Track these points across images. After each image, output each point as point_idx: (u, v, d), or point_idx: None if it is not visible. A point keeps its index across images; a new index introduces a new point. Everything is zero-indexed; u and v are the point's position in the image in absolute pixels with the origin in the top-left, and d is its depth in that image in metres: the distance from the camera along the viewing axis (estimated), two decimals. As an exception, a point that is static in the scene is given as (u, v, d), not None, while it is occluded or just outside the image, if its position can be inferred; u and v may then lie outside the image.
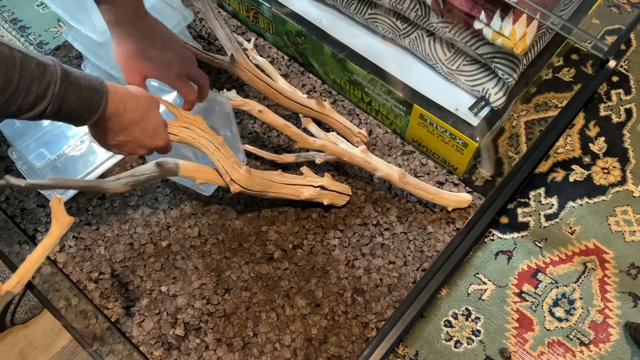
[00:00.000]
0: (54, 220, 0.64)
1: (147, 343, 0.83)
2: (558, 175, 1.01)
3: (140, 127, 0.67)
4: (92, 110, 0.59)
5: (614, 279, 0.89)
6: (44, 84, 0.54)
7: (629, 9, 1.20)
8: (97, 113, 0.60)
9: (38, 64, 0.54)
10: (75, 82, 0.57)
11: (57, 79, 0.55)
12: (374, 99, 1.01)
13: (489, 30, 0.83)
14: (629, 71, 1.12)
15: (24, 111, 0.54)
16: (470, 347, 0.85)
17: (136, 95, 0.66)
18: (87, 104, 0.59)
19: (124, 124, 0.65)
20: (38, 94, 0.54)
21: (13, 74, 0.52)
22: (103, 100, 0.60)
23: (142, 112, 0.66)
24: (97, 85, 0.60)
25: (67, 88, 0.56)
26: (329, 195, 0.90)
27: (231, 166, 0.78)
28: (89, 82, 0.59)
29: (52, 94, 0.55)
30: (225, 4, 1.19)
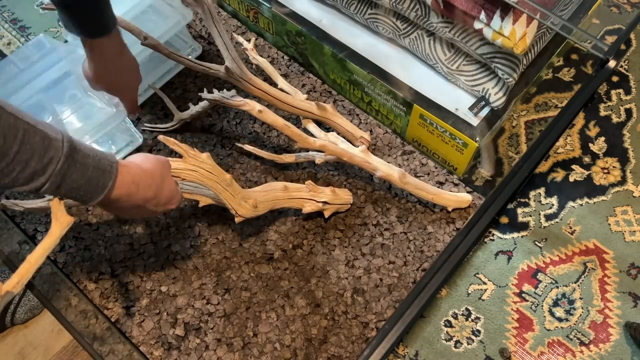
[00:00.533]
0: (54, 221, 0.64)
1: (147, 343, 0.83)
2: (558, 175, 1.01)
3: (153, 202, 0.65)
4: (95, 192, 0.56)
5: (614, 279, 0.89)
6: (45, 160, 0.51)
7: (629, 9, 1.20)
8: (102, 195, 0.57)
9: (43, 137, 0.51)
10: (81, 161, 0.54)
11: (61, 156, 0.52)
12: (374, 99, 1.01)
13: (489, 30, 0.83)
14: (629, 71, 1.12)
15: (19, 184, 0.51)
16: (470, 347, 0.85)
17: (151, 172, 0.64)
18: (91, 185, 0.56)
19: (136, 203, 0.62)
20: (36, 170, 0.51)
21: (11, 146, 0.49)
22: (110, 182, 0.57)
23: (157, 188, 0.64)
24: (105, 166, 0.57)
25: (70, 166, 0.53)
26: (331, 208, 0.90)
27: (238, 204, 0.79)
28: (98, 162, 0.56)
29: (52, 171, 0.52)
30: (225, 4, 1.19)
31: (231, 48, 0.86)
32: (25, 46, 0.96)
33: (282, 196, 0.86)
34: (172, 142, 0.71)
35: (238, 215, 0.80)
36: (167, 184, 0.66)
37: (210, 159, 0.75)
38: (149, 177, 0.63)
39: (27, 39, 1.16)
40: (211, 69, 0.87)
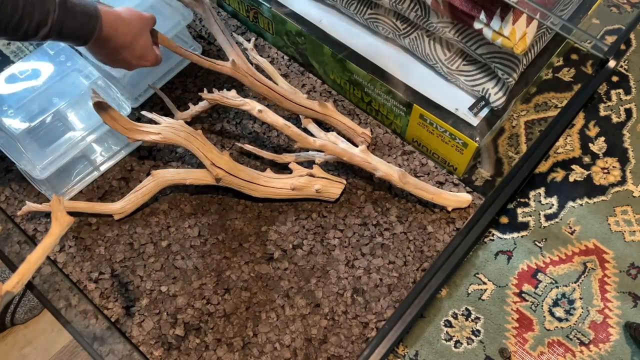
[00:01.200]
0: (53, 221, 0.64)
1: (147, 343, 0.83)
2: (558, 175, 1.01)
3: (129, 51, 0.75)
4: (88, 33, 0.68)
5: (614, 279, 0.89)
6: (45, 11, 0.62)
7: (629, 9, 1.20)
8: (93, 36, 0.68)
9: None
10: (71, 9, 0.65)
11: (56, 7, 0.63)
12: (373, 99, 1.01)
13: (489, 30, 0.83)
14: (629, 71, 1.12)
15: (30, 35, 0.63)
16: (470, 347, 0.85)
17: (128, 20, 0.73)
18: (84, 28, 0.67)
19: (114, 46, 0.73)
20: (40, 20, 0.62)
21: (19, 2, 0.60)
22: (97, 24, 0.68)
23: (132, 37, 0.74)
24: (91, 11, 0.67)
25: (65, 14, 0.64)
26: (320, 181, 0.90)
27: (210, 151, 0.84)
28: (84, 8, 0.67)
29: (52, 20, 0.63)
30: (225, 4, 1.19)
31: (234, 44, 0.86)
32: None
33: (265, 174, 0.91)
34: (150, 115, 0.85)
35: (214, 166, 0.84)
36: (143, 38, 0.76)
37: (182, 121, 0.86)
38: (126, 26, 0.73)
39: (27, 39, 1.16)
40: (217, 64, 0.87)
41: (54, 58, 0.96)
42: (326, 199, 0.93)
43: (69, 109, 0.93)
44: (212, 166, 0.84)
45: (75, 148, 0.90)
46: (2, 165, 0.99)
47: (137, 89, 1.04)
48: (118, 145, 0.99)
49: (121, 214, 0.91)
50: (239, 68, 0.86)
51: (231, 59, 0.86)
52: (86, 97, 0.94)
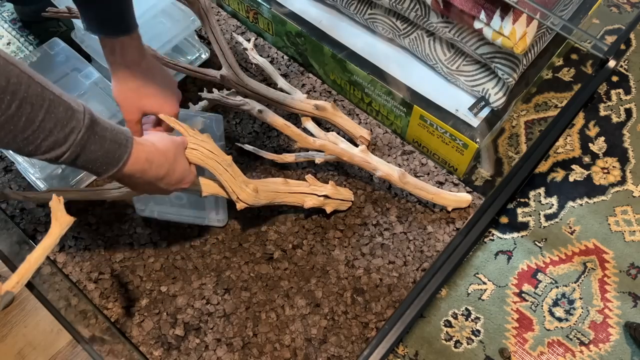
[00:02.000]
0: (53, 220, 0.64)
1: (147, 343, 0.83)
2: (558, 175, 1.01)
3: (165, 181, 0.67)
4: (111, 164, 0.58)
5: (613, 279, 0.89)
6: (67, 130, 0.53)
7: (629, 9, 1.20)
8: (116, 167, 0.59)
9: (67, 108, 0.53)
10: (100, 134, 0.56)
11: (82, 127, 0.54)
12: (374, 100, 1.01)
13: (489, 30, 0.83)
14: (629, 71, 1.12)
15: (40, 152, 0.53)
16: (470, 347, 0.85)
17: (164, 151, 0.65)
18: (108, 157, 0.58)
19: (148, 180, 0.64)
20: (58, 139, 0.53)
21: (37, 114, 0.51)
22: (125, 156, 0.59)
23: (169, 167, 0.66)
24: (122, 140, 0.59)
25: (89, 138, 0.55)
26: (332, 203, 0.90)
27: (239, 186, 0.78)
28: (115, 135, 0.58)
29: (72, 140, 0.54)
30: (225, 4, 1.19)
31: (228, 54, 0.86)
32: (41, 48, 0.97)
33: (282, 189, 0.85)
34: (173, 121, 0.72)
35: (239, 200, 0.79)
36: (179, 163, 0.68)
37: (210, 138, 0.74)
38: (162, 156, 0.65)
39: (26, 39, 1.16)
40: (207, 75, 0.88)
41: (54, 58, 0.96)
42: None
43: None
44: (237, 200, 0.79)
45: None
46: (1, 165, 0.99)
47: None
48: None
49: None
50: (229, 80, 0.87)
51: (219, 74, 0.87)
52: (87, 96, 0.94)
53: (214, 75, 0.88)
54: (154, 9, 0.98)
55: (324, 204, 0.89)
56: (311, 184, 0.88)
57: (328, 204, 0.90)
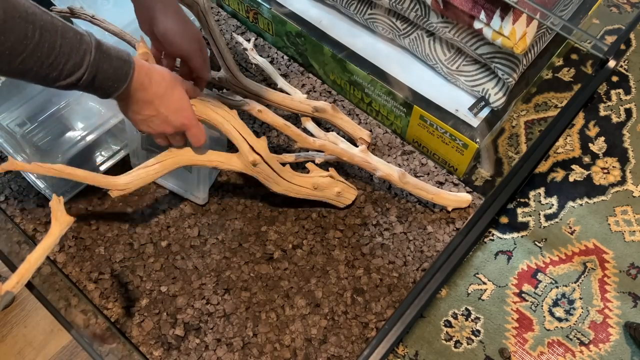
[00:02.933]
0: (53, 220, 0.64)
1: (147, 343, 0.83)
2: (558, 175, 1.01)
3: (164, 102, 0.68)
4: (121, 80, 0.62)
5: (613, 279, 0.89)
6: (81, 52, 0.57)
7: (629, 9, 1.20)
8: (126, 82, 0.62)
9: (75, 32, 0.56)
10: (106, 52, 0.59)
11: (92, 48, 0.58)
12: (374, 100, 1.01)
13: (489, 30, 0.83)
14: (629, 71, 1.12)
15: (63, 77, 0.57)
16: (470, 347, 0.85)
17: (160, 71, 0.68)
18: (118, 74, 0.61)
19: (149, 97, 0.66)
20: (76, 62, 0.56)
21: (56, 39, 0.54)
22: (131, 70, 0.62)
23: (167, 87, 0.68)
24: (125, 56, 0.62)
25: (100, 57, 0.59)
26: (340, 184, 0.90)
27: (250, 134, 0.78)
28: (118, 52, 0.61)
29: (88, 62, 0.57)
30: (225, 4, 1.19)
31: (226, 56, 0.86)
32: None
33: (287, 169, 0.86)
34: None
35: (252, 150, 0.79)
36: (177, 89, 0.70)
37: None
38: (159, 75, 0.67)
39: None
40: None
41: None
42: (339, 203, 0.93)
43: (69, 109, 0.93)
44: (250, 150, 0.79)
45: (74, 148, 0.90)
46: (2, 165, 0.99)
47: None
48: (118, 145, 0.99)
49: (123, 190, 0.78)
50: (226, 82, 0.88)
51: (217, 77, 0.88)
52: (86, 96, 0.94)
53: (212, 77, 0.88)
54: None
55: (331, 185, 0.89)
56: (313, 170, 0.89)
57: (336, 184, 0.90)
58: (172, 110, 0.70)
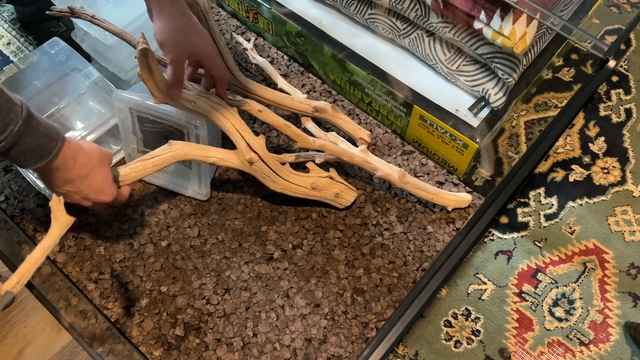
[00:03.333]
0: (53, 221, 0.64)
1: (147, 343, 0.83)
2: (558, 175, 1.01)
3: (86, 182, 0.70)
4: (41, 156, 0.63)
5: (613, 279, 0.89)
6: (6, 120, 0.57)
7: (629, 9, 1.20)
8: (45, 159, 0.63)
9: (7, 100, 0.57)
10: (35, 127, 0.60)
11: (20, 120, 0.58)
12: (374, 100, 1.01)
13: (489, 30, 0.83)
14: (629, 71, 1.12)
15: None
16: (470, 347, 0.85)
17: (89, 153, 0.70)
18: (39, 149, 0.62)
19: (71, 177, 0.68)
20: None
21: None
22: (55, 149, 0.63)
23: (91, 168, 0.70)
24: (54, 135, 0.63)
25: (25, 130, 0.59)
26: (339, 185, 0.90)
27: (248, 131, 0.79)
28: (47, 129, 0.62)
29: (10, 131, 0.58)
30: (225, 4, 1.19)
31: (226, 56, 0.86)
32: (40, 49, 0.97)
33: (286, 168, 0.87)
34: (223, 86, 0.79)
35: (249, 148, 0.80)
36: (102, 171, 0.72)
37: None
38: (87, 157, 0.69)
39: (26, 39, 1.16)
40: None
41: (54, 57, 0.96)
42: (338, 204, 0.93)
43: (68, 109, 0.93)
44: (247, 149, 0.79)
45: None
46: (1, 165, 0.99)
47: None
48: (118, 145, 0.99)
49: (121, 182, 0.80)
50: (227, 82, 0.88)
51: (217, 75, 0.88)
52: (86, 95, 0.94)
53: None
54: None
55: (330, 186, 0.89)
56: (313, 169, 0.89)
57: (335, 185, 0.89)
58: (93, 190, 0.72)
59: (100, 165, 0.72)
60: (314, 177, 0.89)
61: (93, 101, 0.95)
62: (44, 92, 0.92)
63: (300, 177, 0.88)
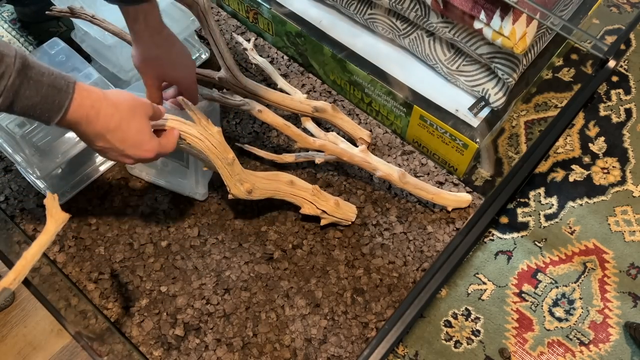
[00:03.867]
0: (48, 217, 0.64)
1: (147, 343, 0.83)
2: (558, 175, 1.01)
3: (118, 136, 0.62)
4: (52, 110, 0.56)
5: (613, 279, 0.89)
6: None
7: (629, 9, 1.20)
8: (60, 114, 0.56)
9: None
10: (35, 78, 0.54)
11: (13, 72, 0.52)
12: (374, 100, 1.01)
13: (489, 30, 0.83)
14: (629, 71, 1.12)
15: None
16: (470, 347, 0.85)
17: (114, 101, 0.62)
18: (47, 103, 0.55)
19: (98, 131, 0.61)
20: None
21: None
22: (66, 102, 0.56)
23: (120, 120, 0.62)
24: (61, 85, 0.56)
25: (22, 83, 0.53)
26: (329, 219, 0.90)
27: (233, 184, 0.80)
28: (54, 80, 0.55)
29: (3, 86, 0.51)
30: (225, 4, 1.19)
31: (226, 56, 0.86)
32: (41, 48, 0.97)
33: (284, 189, 0.86)
34: (189, 107, 0.73)
35: (231, 193, 0.81)
36: (137, 122, 0.64)
37: (220, 135, 0.76)
38: (112, 107, 0.61)
39: (26, 39, 1.16)
40: (206, 76, 0.89)
41: (54, 58, 0.96)
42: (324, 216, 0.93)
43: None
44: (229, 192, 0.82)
45: (74, 148, 0.90)
46: (1, 165, 0.99)
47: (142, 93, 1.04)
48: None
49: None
50: (226, 82, 0.89)
51: (217, 77, 0.88)
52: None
53: (212, 77, 0.88)
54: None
55: (320, 216, 0.89)
56: (315, 194, 0.88)
57: (325, 218, 0.89)
58: (129, 145, 0.64)
59: (132, 116, 0.63)
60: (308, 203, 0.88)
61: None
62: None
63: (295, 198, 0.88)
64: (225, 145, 0.77)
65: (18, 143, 0.89)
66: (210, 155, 0.76)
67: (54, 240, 0.67)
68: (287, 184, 0.86)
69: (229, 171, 0.79)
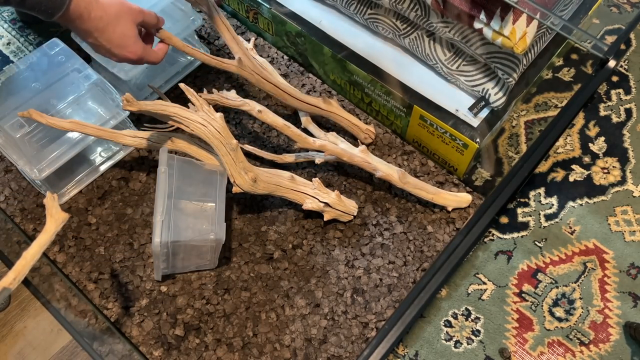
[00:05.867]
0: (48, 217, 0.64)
1: (147, 343, 0.83)
2: (558, 175, 1.01)
3: (105, 36, 0.72)
4: (55, 7, 0.66)
5: (613, 279, 0.89)
6: None
7: (629, 9, 1.20)
8: (61, 10, 0.67)
9: None
10: None
11: None
12: (374, 100, 1.01)
13: (489, 30, 0.83)
14: (629, 71, 1.12)
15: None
16: (470, 347, 0.85)
17: (104, 6, 0.71)
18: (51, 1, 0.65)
19: (87, 29, 0.71)
20: None
21: None
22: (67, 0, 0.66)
23: (108, 22, 0.71)
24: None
25: None
26: (332, 212, 0.90)
27: (237, 171, 0.79)
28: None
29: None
30: (225, 4, 1.19)
31: (240, 42, 0.85)
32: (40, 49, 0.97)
33: (285, 184, 0.86)
34: (191, 93, 0.76)
35: (235, 184, 0.81)
36: (122, 26, 0.73)
37: (222, 120, 0.77)
38: (101, 10, 0.71)
39: (26, 39, 1.16)
40: (224, 62, 0.86)
41: (54, 58, 0.96)
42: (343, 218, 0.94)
43: (68, 109, 0.93)
44: (234, 183, 0.81)
45: (74, 148, 0.90)
46: (1, 165, 0.99)
47: (143, 92, 1.04)
48: (117, 146, 0.99)
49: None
50: (245, 66, 0.86)
51: (237, 57, 0.85)
52: (86, 97, 0.94)
53: (230, 63, 0.85)
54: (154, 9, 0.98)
55: (322, 210, 0.89)
56: (317, 187, 0.88)
57: (327, 211, 0.89)
58: (115, 45, 0.73)
59: (117, 20, 0.72)
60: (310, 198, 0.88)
61: (92, 102, 0.94)
62: (44, 93, 0.92)
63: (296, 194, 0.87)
64: (228, 130, 0.77)
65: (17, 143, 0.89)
66: (214, 141, 0.75)
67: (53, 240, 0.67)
68: (287, 179, 0.86)
69: (233, 157, 0.78)
